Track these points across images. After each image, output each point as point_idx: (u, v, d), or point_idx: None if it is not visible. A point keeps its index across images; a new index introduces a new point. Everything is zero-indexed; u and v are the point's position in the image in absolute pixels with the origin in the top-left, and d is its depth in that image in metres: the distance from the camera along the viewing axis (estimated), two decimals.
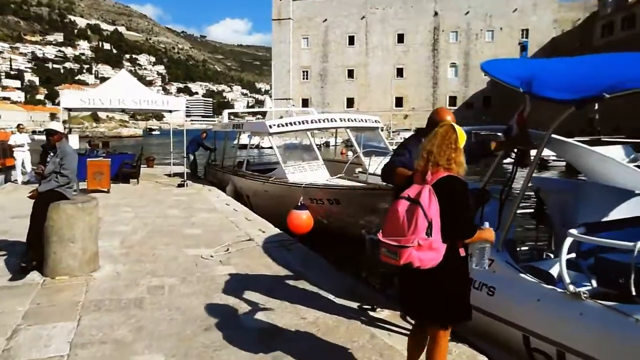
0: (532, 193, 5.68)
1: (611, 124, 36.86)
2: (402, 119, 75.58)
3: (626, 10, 57.23)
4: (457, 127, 3.13)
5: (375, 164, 11.52)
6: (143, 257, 7.00)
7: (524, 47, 71.64)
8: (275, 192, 11.62)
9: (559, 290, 3.78)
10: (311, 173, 11.82)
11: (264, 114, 29.78)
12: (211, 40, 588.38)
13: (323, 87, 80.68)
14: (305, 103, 75.74)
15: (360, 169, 12.57)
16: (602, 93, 3.33)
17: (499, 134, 4.90)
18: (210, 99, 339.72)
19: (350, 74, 79.68)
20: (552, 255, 5.70)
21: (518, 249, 5.52)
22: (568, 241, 3.65)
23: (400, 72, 78.05)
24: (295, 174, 11.60)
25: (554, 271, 4.55)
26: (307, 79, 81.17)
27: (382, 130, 15.14)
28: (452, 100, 75.64)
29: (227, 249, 7.46)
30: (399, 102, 78.09)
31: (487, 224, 3.18)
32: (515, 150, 4.28)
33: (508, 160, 4.65)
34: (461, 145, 3.04)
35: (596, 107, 18.41)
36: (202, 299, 5.23)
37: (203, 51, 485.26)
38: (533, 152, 4.35)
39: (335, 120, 12.93)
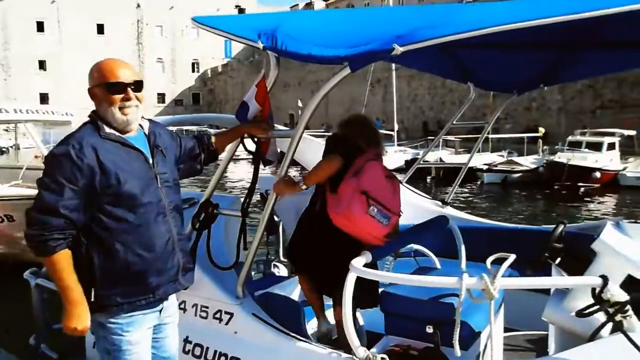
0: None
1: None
2: None
3: None
4: None
5: None
6: None
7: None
8: None
9: (344, 355, 2.38)
10: None
11: None
12: None
13: (7, 79, 68.73)
14: None
15: None
16: (392, 45, 2.16)
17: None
18: None
19: (42, 65, 69.77)
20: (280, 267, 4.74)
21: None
22: (351, 280, 2.30)
23: None
24: None
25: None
26: None
27: None
28: (161, 97, 73.31)
29: None
30: None
31: None
32: (255, 140, 2.90)
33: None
34: None
35: (299, 103, 18.93)
36: None
37: None
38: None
39: (8, 112, 9.92)
